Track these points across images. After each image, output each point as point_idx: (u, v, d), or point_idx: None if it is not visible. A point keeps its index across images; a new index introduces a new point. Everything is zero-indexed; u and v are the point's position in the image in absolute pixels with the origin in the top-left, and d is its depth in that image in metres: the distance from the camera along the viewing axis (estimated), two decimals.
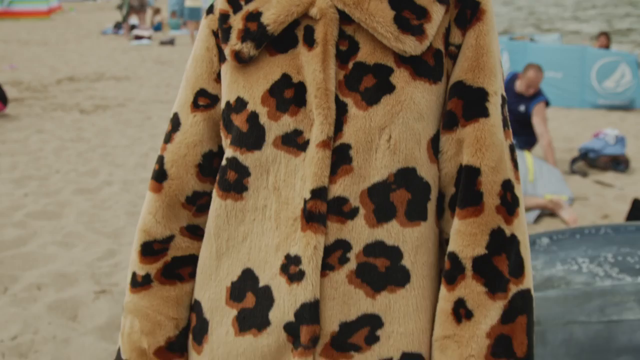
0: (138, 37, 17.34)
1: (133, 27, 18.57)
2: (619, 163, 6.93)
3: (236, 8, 1.27)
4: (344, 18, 1.21)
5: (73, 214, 5.30)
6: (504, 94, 1.26)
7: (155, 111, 9.08)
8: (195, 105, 1.35)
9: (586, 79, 10.27)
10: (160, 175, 1.36)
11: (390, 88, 1.19)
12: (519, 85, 6.88)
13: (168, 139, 1.36)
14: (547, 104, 6.86)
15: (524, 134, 6.81)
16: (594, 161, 6.98)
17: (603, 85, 10.24)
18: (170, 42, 16.73)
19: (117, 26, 19.40)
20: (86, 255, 4.52)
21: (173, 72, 12.44)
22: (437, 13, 1.20)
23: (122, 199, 5.65)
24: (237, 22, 1.26)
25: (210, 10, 1.36)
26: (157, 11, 20.67)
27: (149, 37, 17.39)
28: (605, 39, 11.59)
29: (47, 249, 4.63)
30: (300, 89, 1.21)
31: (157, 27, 19.82)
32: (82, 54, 15.02)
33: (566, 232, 2.96)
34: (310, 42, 1.21)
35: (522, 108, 6.79)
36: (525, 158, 6.10)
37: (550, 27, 26.89)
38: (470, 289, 1.20)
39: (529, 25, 28.21)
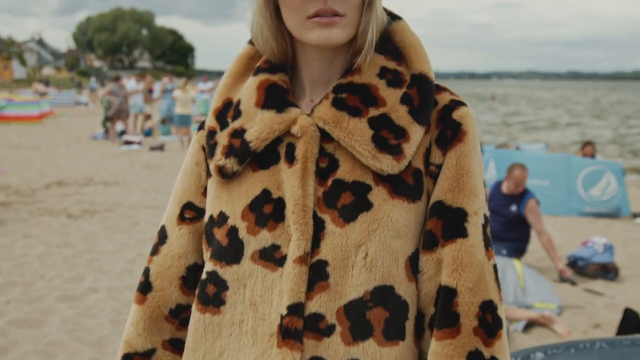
0: (128, 142, 17.51)
1: (123, 132, 18.78)
2: (608, 271, 6.90)
3: (223, 125, 1.32)
4: (325, 136, 1.23)
5: (56, 322, 5.17)
6: (487, 213, 1.27)
7: (143, 217, 9.04)
8: (181, 218, 1.39)
9: (572, 187, 10.38)
10: (145, 287, 1.39)
11: (367, 206, 1.20)
12: (506, 187, 6.96)
13: (155, 251, 1.40)
14: (538, 203, 6.91)
15: (515, 239, 6.82)
16: (583, 269, 6.96)
17: (589, 193, 10.35)
18: (160, 147, 16.89)
19: (108, 131, 19.63)
20: None
21: (162, 178, 12.49)
22: (416, 133, 1.22)
23: (107, 307, 5.54)
24: (222, 138, 1.30)
25: (201, 126, 1.40)
26: (147, 117, 20.95)
27: (139, 143, 17.56)
28: (590, 148, 11.80)
29: (28, 358, 4.49)
30: (280, 205, 1.23)
31: (148, 133, 20.04)
32: (71, 158, 15.11)
33: (560, 347, 2.90)
34: (291, 159, 1.23)
35: (513, 208, 6.84)
36: (515, 266, 6.08)
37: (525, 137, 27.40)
38: None
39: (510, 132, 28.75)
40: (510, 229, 6.80)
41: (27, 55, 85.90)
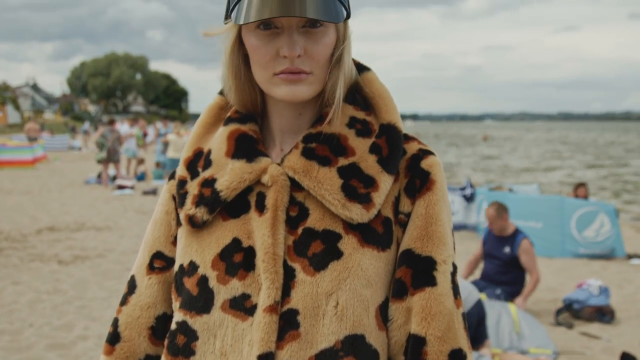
0: (121, 187, 17.48)
1: (114, 177, 18.75)
2: (604, 314, 6.85)
3: (194, 174, 1.33)
4: (295, 185, 1.25)
5: None
6: (455, 262, 1.28)
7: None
8: (150, 268, 1.40)
9: (566, 229, 10.37)
10: (113, 338, 1.39)
11: (338, 254, 1.21)
12: (495, 230, 6.94)
13: (124, 301, 1.41)
14: (531, 243, 6.87)
15: (510, 281, 6.79)
16: (578, 312, 6.90)
17: (583, 235, 10.33)
18: (153, 192, 16.85)
19: (100, 176, 19.59)
20: None
21: None
22: (385, 182, 1.24)
23: (96, 355, 5.44)
24: (193, 187, 1.31)
25: (172, 175, 1.42)
26: (141, 161, 20.98)
27: (132, 187, 17.53)
28: (583, 189, 11.82)
29: None
30: (250, 254, 1.23)
31: (141, 177, 20.04)
32: (64, 203, 15.05)
33: None
34: (261, 208, 1.25)
35: (507, 250, 6.81)
36: (510, 310, 6.02)
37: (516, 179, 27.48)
38: None
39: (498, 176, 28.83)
40: (505, 271, 6.76)
41: (22, 100, 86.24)
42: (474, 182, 15.90)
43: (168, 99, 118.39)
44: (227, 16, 1.26)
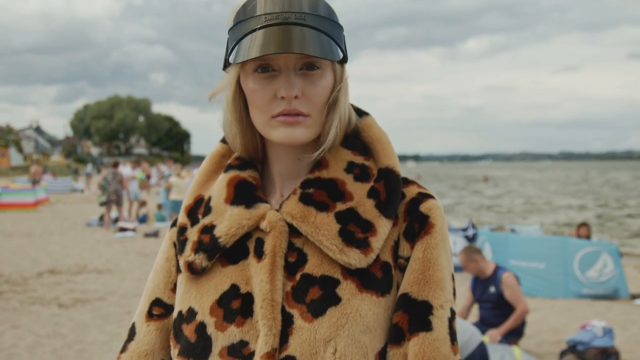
0: (122, 229, 17.46)
1: (116, 220, 18.75)
2: (608, 355, 6.77)
3: (194, 221, 1.34)
4: (293, 231, 1.25)
5: None
6: (455, 307, 1.27)
7: (136, 305, 8.88)
8: (149, 315, 1.40)
9: (569, 269, 10.32)
10: None
11: (336, 300, 1.20)
12: (474, 273, 6.91)
13: (123, 348, 1.42)
14: (515, 276, 6.78)
15: (507, 321, 6.71)
16: (583, 354, 6.82)
17: (586, 275, 10.27)
18: (155, 234, 16.83)
19: (102, 218, 19.60)
20: None
21: None
22: (383, 227, 1.24)
23: None
24: (192, 234, 1.32)
25: (174, 223, 1.43)
26: (142, 203, 20.99)
27: (134, 230, 17.51)
28: (585, 229, 11.78)
29: None
30: (248, 300, 1.23)
31: (143, 219, 20.03)
32: (65, 245, 15.03)
33: None
34: (259, 254, 1.25)
35: (492, 289, 6.75)
36: (514, 353, 5.96)
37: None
38: None
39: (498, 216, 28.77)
40: (500, 313, 6.68)
41: (25, 142, 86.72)
42: (476, 222, 15.87)
43: (170, 141, 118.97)
44: (226, 64, 1.28)
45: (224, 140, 1.41)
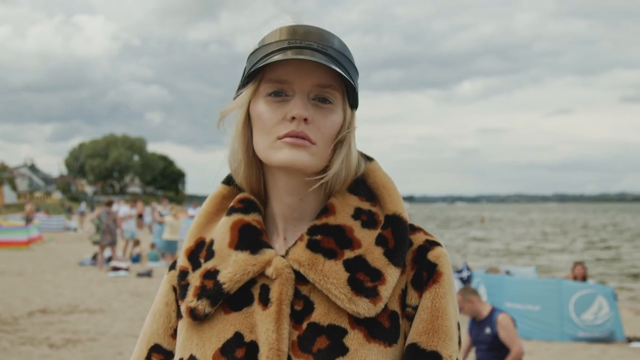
0: (115, 269, 17.33)
1: (110, 259, 18.63)
2: None
3: (196, 265, 1.31)
4: (300, 278, 1.23)
5: None
6: (460, 357, 1.25)
7: (127, 346, 8.81)
8: None
9: (564, 312, 10.27)
10: None
11: (343, 350, 1.18)
12: (471, 315, 6.88)
13: None
14: (511, 318, 6.74)
15: None
16: None
17: (582, 318, 10.22)
18: (148, 274, 16.71)
19: (95, 257, 19.48)
20: None
21: (149, 305, 12.27)
22: (392, 275, 1.22)
23: None
24: (194, 279, 1.29)
25: (173, 266, 1.39)
26: (136, 243, 20.88)
27: (127, 269, 17.39)
28: (581, 268, 11.76)
29: None
30: (252, 349, 1.20)
31: (136, 259, 19.91)
32: (57, 284, 14.90)
33: None
34: (265, 301, 1.22)
35: (487, 331, 6.70)
36: None
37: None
38: None
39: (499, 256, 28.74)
40: (496, 355, 6.63)
41: (19, 180, 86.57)
42: (471, 264, 15.83)
43: (165, 180, 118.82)
44: (241, 86, 1.28)
45: (225, 182, 1.39)
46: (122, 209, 23.12)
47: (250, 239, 1.27)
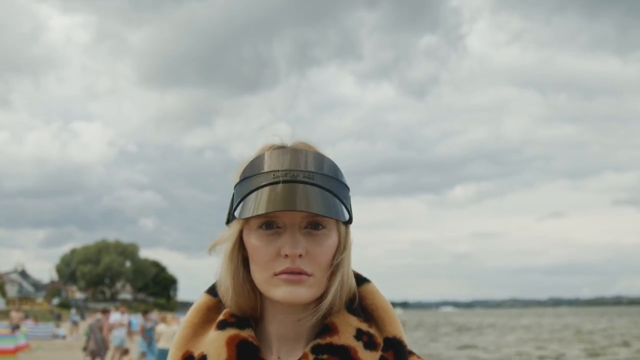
0: None
1: None
2: None
3: None
4: None
5: None
6: None
7: None
8: None
9: None
10: None
11: None
12: None
13: None
14: None
15: None
16: None
17: None
18: None
19: None
20: None
21: None
22: None
23: None
24: None
25: None
26: (125, 352, 20.45)
27: None
28: None
29: None
30: None
31: None
32: None
33: None
34: None
35: None
36: None
37: None
38: None
39: None
40: None
41: (9, 286, 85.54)
42: None
43: (157, 287, 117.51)
44: (229, 219, 1.28)
45: (209, 291, 1.37)
46: (112, 316, 22.78)
47: (249, 356, 1.24)
